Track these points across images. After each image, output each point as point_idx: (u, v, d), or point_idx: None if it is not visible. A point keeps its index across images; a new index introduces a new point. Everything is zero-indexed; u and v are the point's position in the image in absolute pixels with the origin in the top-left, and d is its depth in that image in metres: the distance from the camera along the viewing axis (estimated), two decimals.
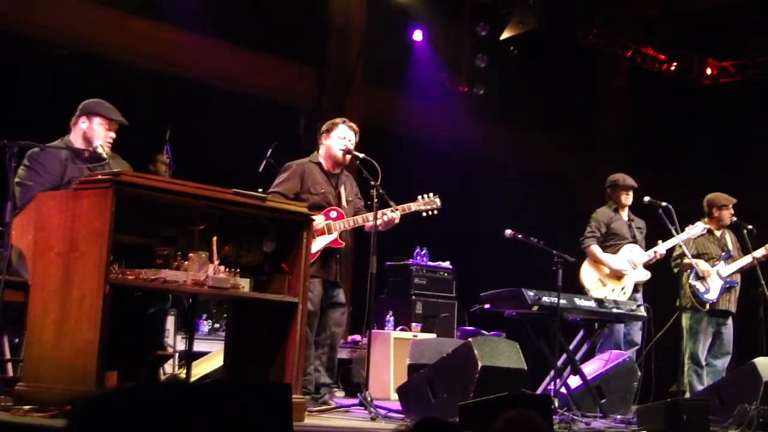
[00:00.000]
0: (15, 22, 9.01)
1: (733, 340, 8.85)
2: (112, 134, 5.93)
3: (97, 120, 5.88)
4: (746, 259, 8.81)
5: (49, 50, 9.24)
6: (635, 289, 8.62)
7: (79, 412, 3.10)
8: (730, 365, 8.84)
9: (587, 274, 8.58)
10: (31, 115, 8.22)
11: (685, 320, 8.79)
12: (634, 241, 8.73)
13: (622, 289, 8.50)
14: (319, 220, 6.52)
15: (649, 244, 8.75)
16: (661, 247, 8.62)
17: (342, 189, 6.90)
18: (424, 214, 6.95)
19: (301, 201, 6.48)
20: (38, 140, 5.67)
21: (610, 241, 8.72)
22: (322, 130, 6.98)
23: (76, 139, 5.88)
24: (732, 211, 8.90)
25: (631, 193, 8.76)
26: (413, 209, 6.89)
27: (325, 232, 6.67)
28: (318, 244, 6.60)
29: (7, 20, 8.97)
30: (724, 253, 8.88)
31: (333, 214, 6.75)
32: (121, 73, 9.31)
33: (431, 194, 6.96)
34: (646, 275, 8.65)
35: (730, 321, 8.87)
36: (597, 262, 8.63)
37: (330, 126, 6.93)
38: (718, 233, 8.97)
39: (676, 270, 8.76)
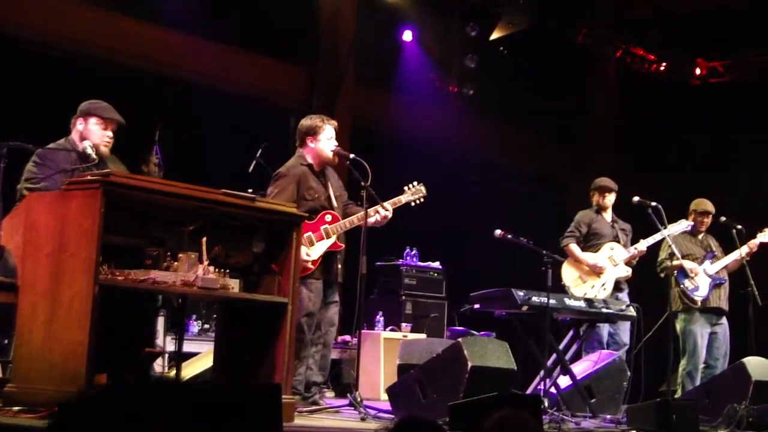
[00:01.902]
0: (8, 23, 8.98)
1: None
2: (109, 134, 5.91)
3: (92, 120, 5.89)
4: (732, 256, 8.84)
5: (42, 51, 9.21)
6: (619, 288, 8.64)
7: (62, 413, 3.10)
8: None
9: (567, 272, 8.61)
10: (24, 117, 8.21)
11: (679, 324, 8.79)
12: (617, 240, 8.75)
13: (602, 285, 8.51)
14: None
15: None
16: (642, 245, 8.65)
17: (330, 188, 6.87)
18: (413, 204, 6.96)
19: None
20: (31, 142, 5.65)
21: (592, 240, 8.77)
22: (307, 130, 6.82)
23: (75, 140, 5.88)
24: (708, 221, 8.96)
25: (610, 195, 8.84)
26: (404, 201, 6.89)
27: (324, 237, 6.65)
28: (318, 250, 6.59)
29: (0, 22, 8.93)
30: (708, 253, 8.91)
31: (328, 217, 6.70)
32: (112, 73, 9.28)
33: (416, 183, 6.97)
34: (626, 271, 8.67)
35: (724, 321, 8.87)
36: (576, 260, 8.67)
37: (315, 128, 6.79)
38: (700, 235, 9.01)
39: (662, 275, 8.77)
